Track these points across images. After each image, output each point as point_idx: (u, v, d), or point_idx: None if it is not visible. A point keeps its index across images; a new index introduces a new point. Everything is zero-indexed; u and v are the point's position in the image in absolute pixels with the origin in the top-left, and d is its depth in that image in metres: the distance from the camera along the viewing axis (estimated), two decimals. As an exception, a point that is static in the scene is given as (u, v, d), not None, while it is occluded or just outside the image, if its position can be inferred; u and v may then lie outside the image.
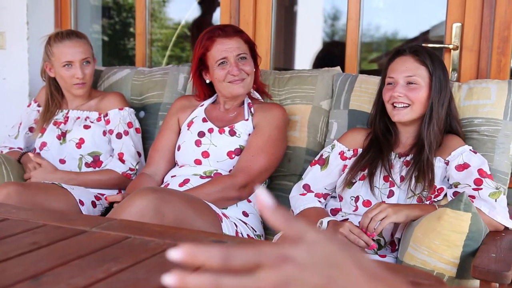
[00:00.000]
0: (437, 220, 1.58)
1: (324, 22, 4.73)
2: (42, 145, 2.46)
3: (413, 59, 1.93)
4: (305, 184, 2.04)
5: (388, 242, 1.84)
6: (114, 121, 2.44)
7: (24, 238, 1.24)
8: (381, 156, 1.92)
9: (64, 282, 0.99)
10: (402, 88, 1.90)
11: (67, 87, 2.47)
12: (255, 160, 2.07)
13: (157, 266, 1.08)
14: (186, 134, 2.22)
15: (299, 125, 2.30)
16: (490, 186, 1.77)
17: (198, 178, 2.10)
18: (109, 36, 4.49)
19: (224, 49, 2.14)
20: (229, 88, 2.16)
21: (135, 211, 1.63)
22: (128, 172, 2.36)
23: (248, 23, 2.78)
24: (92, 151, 2.43)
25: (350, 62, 2.66)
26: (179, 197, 1.74)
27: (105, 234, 1.27)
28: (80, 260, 1.10)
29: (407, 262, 1.64)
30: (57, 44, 2.41)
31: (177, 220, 1.68)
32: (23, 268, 1.05)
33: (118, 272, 1.04)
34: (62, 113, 2.51)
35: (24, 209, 1.50)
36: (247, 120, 2.18)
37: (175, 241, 1.21)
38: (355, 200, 1.92)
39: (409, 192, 1.84)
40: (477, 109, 2.03)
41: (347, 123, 2.23)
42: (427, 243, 1.58)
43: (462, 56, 2.43)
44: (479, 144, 1.99)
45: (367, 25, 4.34)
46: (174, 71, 2.64)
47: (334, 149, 2.06)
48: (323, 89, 2.32)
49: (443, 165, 1.88)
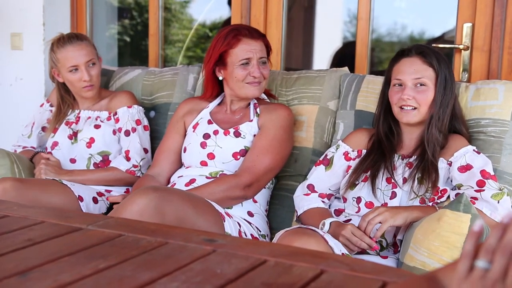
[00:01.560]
0: (437, 222, 1.57)
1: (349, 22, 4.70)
2: (53, 144, 2.50)
3: (421, 60, 1.91)
4: (309, 184, 2.04)
5: (390, 243, 1.83)
6: (123, 119, 2.46)
7: (20, 235, 1.27)
8: (384, 158, 1.91)
9: (51, 278, 1.01)
10: (411, 90, 1.88)
11: (76, 90, 2.50)
12: (260, 159, 2.07)
13: (145, 263, 1.09)
14: (191, 136, 2.23)
15: (306, 126, 2.29)
16: (493, 188, 1.74)
17: (204, 178, 2.11)
18: (130, 37, 4.53)
19: (250, 50, 2.14)
20: (246, 89, 2.17)
21: (136, 210, 1.64)
22: (132, 169, 2.38)
23: (259, 23, 2.78)
24: (102, 151, 2.45)
25: (360, 62, 2.64)
26: (180, 196, 1.75)
27: (99, 232, 1.29)
28: (70, 257, 1.12)
29: (408, 264, 1.63)
30: (60, 50, 2.43)
31: (178, 219, 1.69)
32: (14, 264, 1.07)
33: (106, 269, 1.05)
34: (74, 114, 2.55)
35: (25, 206, 1.53)
36: (252, 121, 2.19)
37: (166, 239, 1.23)
38: (357, 201, 1.92)
39: (412, 193, 1.83)
40: (484, 109, 2.01)
41: (354, 124, 2.22)
42: (427, 244, 1.57)
43: (472, 56, 2.39)
44: (486, 145, 1.97)
45: (393, 24, 4.31)
46: (184, 71, 2.66)
47: (339, 149, 2.05)
48: (330, 90, 2.32)
49: (445, 166, 1.86)
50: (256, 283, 1.00)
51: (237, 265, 1.08)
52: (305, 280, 1.00)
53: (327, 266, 1.06)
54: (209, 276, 1.02)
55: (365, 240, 1.72)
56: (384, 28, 4.33)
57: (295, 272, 1.04)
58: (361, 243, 1.72)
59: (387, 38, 4.49)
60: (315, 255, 1.16)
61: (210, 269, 1.05)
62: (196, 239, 1.23)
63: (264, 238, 2.09)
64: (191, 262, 1.09)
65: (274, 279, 1.01)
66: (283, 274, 1.04)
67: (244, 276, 1.02)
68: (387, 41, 4.50)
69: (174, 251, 1.16)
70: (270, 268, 1.07)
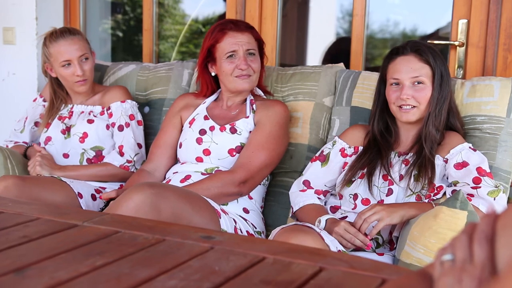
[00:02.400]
0: (433, 218, 1.57)
1: (342, 19, 4.69)
2: (46, 139, 2.48)
3: (417, 58, 1.90)
4: (305, 180, 2.03)
5: (386, 240, 1.83)
6: (116, 114, 2.44)
7: (16, 231, 1.25)
8: (380, 155, 1.90)
9: (48, 275, 1.00)
10: (409, 89, 1.88)
11: (69, 85, 2.48)
12: (255, 156, 2.07)
13: (142, 260, 1.08)
14: (187, 132, 2.22)
15: (302, 122, 2.29)
16: (489, 185, 1.75)
17: (199, 174, 2.10)
18: (123, 32, 4.51)
19: (235, 42, 2.14)
20: (235, 82, 2.16)
21: (132, 206, 1.63)
22: (125, 165, 2.37)
23: (254, 19, 2.77)
24: (95, 146, 2.44)
25: (355, 58, 2.64)
26: (176, 192, 1.74)
27: (95, 228, 1.27)
28: (66, 254, 1.11)
29: (404, 261, 1.63)
30: (52, 45, 2.41)
31: (174, 216, 1.68)
32: (10, 261, 1.06)
33: (103, 266, 1.04)
34: (67, 108, 2.53)
35: (19, 202, 1.51)
36: (248, 117, 2.18)
37: (164, 236, 1.22)
38: (353, 198, 1.91)
39: (408, 190, 1.83)
40: (480, 106, 2.01)
41: (349, 120, 2.22)
42: (423, 241, 1.57)
43: (468, 53, 2.40)
44: (481, 142, 1.97)
45: (385, 21, 4.31)
46: (178, 67, 2.64)
47: (335, 145, 2.05)
48: (326, 86, 2.31)
49: (442, 163, 1.86)
50: (255, 281, 0.99)
51: (235, 262, 1.07)
52: (304, 278, 1.00)
53: (326, 264, 1.06)
54: (207, 274, 1.01)
55: (359, 237, 1.71)
56: (376, 24, 4.33)
57: (294, 270, 1.03)
58: (355, 240, 1.72)
59: (380, 34, 4.49)
60: (314, 252, 1.15)
61: (208, 267, 1.05)
62: (193, 236, 1.22)
63: (260, 234, 2.09)
64: (189, 259, 1.08)
65: (273, 277, 1.00)
66: (282, 271, 1.03)
67: (242, 274, 1.02)
68: (379, 38, 4.50)
69: (172, 248, 1.15)
70: (268, 265, 1.06)
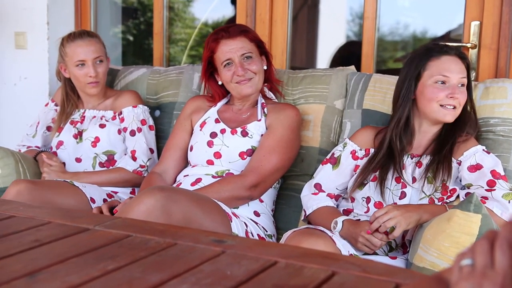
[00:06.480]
0: (447, 222, 1.55)
1: (352, 21, 4.68)
2: (58, 144, 2.49)
3: (460, 60, 1.89)
4: (316, 183, 2.02)
5: (399, 244, 1.81)
6: (128, 119, 2.45)
7: (27, 235, 1.25)
8: (393, 157, 1.88)
9: (60, 279, 0.99)
10: (457, 89, 1.85)
11: (81, 86, 2.49)
12: (267, 160, 2.06)
13: (154, 264, 1.07)
14: (198, 135, 2.22)
15: (313, 125, 2.28)
16: (503, 188, 1.73)
17: (210, 177, 2.09)
18: (134, 36, 4.52)
19: (228, 50, 2.14)
20: (237, 88, 2.16)
21: (143, 210, 1.63)
22: (138, 170, 2.37)
23: (264, 22, 2.77)
24: (107, 150, 2.44)
25: (366, 61, 2.63)
26: (187, 196, 1.74)
27: (107, 233, 1.27)
28: (78, 258, 1.11)
29: (417, 264, 1.61)
30: (69, 44, 2.44)
31: (185, 219, 1.68)
32: (22, 265, 1.06)
33: (114, 271, 1.04)
34: (79, 113, 2.54)
35: (31, 206, 1.52)
36: (260, 120, 2.17)
37: (175, 240, 1.21)
38: (366, 201, 1.90)
39: (421, 193, 1.81)
40: (493, 108, 1.99)
41: (361, 123, 2.20)
42: (437, 244, 1.56)
43: (480, 55, 2.38)
44: (495, 145, 1.95)
45: (395, 23, 4.29)
46: (189, 71, 2.64)
47: (346, 148, 2.03)
48: (337, 89, 2.30)
49: (455, 165, 1.84)
50: (267, 285, 0.98)
51: (247, 266, 1.06)
52: (317, 282, 0.99)
53: (339, 268, 1.05)
54: (219, 278, 1.00)
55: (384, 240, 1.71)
56: (386, 27, 4.31)
57: (306, 274, 1.03)
58: (382, 244, 1.71)
59: (389, 37, 4.47)
60: (326, 256, 1.14)
61: (220, 271, 1.04)
62: (205, 240, 1.21)
63: (271, 238, 2.08)
64: (200, 263, 1.07)
65: (285, 281, 1.00)
66: (294, 276, 1.02)
67: (254, 278, 1.01)
68: (389, 40, 4.48)
69: (183, 252, 1.14)
70: (280, 269, 1.05)
